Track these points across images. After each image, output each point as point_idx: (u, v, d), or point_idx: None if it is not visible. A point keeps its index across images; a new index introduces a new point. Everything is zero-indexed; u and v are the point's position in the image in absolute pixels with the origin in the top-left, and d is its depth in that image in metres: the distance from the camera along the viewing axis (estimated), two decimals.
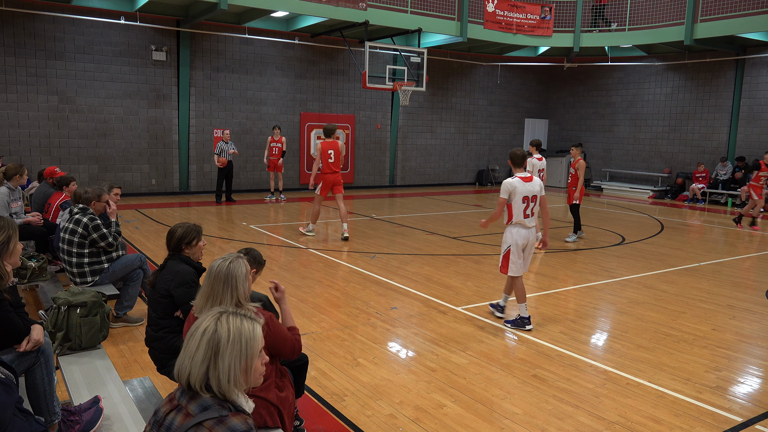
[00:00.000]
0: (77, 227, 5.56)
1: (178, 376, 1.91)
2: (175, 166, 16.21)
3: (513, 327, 6.01)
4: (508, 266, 5.98)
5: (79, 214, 5.65)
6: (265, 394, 2.92)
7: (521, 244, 5.92)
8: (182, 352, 1.91)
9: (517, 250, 5.92)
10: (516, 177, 5.88)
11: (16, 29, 13.75)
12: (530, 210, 5.88)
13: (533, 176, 5.98)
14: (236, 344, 1.89)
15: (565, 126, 22.88)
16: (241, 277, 2.90)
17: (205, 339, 1.88)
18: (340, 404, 4.27)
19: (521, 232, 5.90)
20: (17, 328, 3.19)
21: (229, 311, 1.97)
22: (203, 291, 2.92)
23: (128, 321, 5.78)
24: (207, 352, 1.87)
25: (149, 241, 9.82)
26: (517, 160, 5.95)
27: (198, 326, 1.92)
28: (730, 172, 17.39)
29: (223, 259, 2.94)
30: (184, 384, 1.90)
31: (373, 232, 11.53)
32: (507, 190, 5.82)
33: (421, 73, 16.06)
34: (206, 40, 16.09)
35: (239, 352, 1.90)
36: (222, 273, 2.88)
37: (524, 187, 5.83)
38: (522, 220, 5.87)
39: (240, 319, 1.94)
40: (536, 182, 5.94)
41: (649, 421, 4.11)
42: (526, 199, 5.83)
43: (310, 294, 7.07)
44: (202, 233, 4.16)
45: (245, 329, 1.93)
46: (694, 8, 15.99)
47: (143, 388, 3.58)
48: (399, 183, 20.21)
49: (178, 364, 1.92)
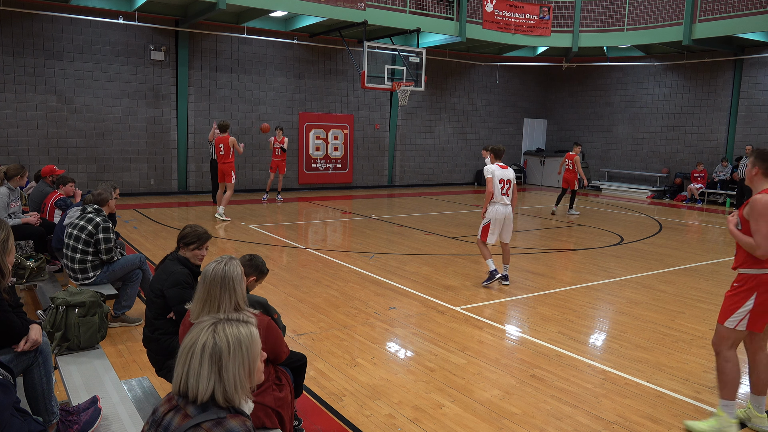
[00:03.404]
0: (88, 225, 5.59)
1: (184, 393, 1.89)
2: (174, 166, 16.20)
3: (488, 283, 7.51)
4: (488, 235, 7.49)
5: (93, 213, 5.71)
6: (261, 398, 2.91)
7: (499, 219, 7.43)
8: (183, 370, 1.88)
9: (495, 222, 7.43)
10: (495, 164, 7.51)
11: (15, 29, 13.73)
12: (506, 191, 7.44)
13: (507, 166, 7.61)
14: (237, 353, 1.89)
15: (563, 126, 22.89)
16: (238, 279, 2.86)
17: (206, 354, 1.86)
18: (339, 404, 4.27)
19: (500, 209, 7.43)
20: (16, 328, 3.19)
21: (222, 319, 1.95)
22: (199, 296, 2.85)
23: (126, 321, 5.77)
24: (211, 366, 1.86)
25: (148, 241, 9.81)
26: (498, 153, 7.55)
27: (195, 341, 1.89)
28: (729, 172, 17.41)
29: (217, 263, 2.88)
30: (191, 400, 1.88)
31: (371, 232, 11.54)
32: (490, 170, 7.43)
33: (420, 73, 16.06)
34: (205, 40, 16.08)
35: (242, 359, 1.90)
36: (218, 277, 2.82)
37: (501, 172, 7.45)
38: (500, 199, 7.42)
39: (236, 326, 1.93)
40: (510, 171, 7.57)
41: (648, 421, 4.12)
42: (502, 182, 7.41)
43: (308, 294, 7.07)
44: (206, 242, 4.04)
45: (243, 335, 1.92)
46: (692, 8, 16.01)
47: (141, 388, 3.57)
48: (398, 183, 20.22)
49: (182, 383, 1.88)
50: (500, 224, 7.44)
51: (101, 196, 5.87)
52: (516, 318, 6.52)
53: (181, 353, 1.91)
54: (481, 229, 7.57)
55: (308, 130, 18.10)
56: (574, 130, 22.46)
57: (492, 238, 7.50)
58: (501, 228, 7.48)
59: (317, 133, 18.28)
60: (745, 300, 3.68)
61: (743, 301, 3.69)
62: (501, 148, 7.60)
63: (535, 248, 10.37)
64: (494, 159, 7.60)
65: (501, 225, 7.46)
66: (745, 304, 3.68)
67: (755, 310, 3.65)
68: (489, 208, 7.47)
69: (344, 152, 18.90)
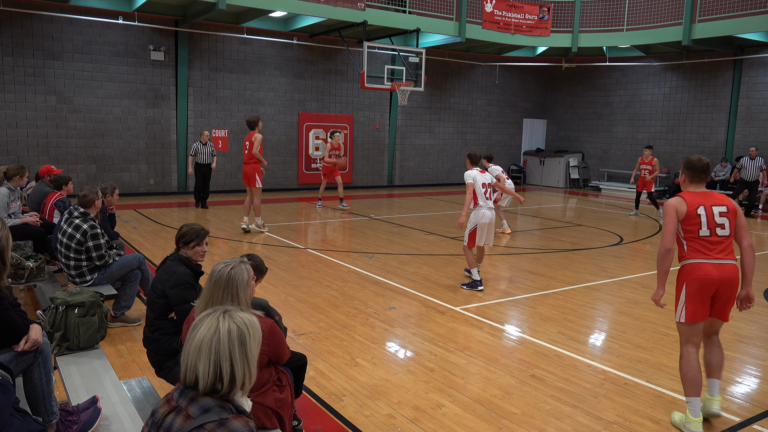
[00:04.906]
0: (76, 233, 5.49)
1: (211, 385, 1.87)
2: (174, 166, 16.19)
3: (468, 288, 7.43)
4: (475, 240, 7.42)
5: (80, 219, 5.56)
6: (262, 399, 2.91)
7: (485, 223, 7.40)
8: (212, 360, 1.86)
9: (481, 227, 7.39)
10: (474, 169, 7.57)
11: (14, 29, 13.73)
12: (488, 193, 7.49)
13: (484, 170, 7.73)
14: (255, 335, 1.97)
15: (563, 126, 22.90)
16: (242, 284, 2.85)
17: (234, 339, 1.89)
18: (339, 404, 4.27)
19: (486, 213, 7.41)
20: (17, 327, 3.18)
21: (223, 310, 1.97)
22: (204, 295, 2.86)
23: (126, 321, 5.77)
24: (240, 348, 1.89)
25: (147, 241, 9.81)
26: (475, 159, 7.68)
27: (216, 329, 1.89)
28: (729, 172, 17.41)
29: (225, 264, 2.88)
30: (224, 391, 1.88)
31: (371, 232, 11.54)
32: (471, 176, 7.45)
33: (420, 73, 16.06)
34: (204, 40, 16.08)
35: (257, 342, 1.98)
36: (223, 279, 2.82)
37: (481, 176, 7.52)
38: (485, 203, 7.43)
39: (241, 312, 2.00)
40: (487, 174, 7.67)
41: (647, 421, 4.12)
42: (484, 185, 7.46)
43: (308, 294, 7.07)
44: (204, 237, 4.10)
45: (252, 320, 2.00)
46: (692, 8, 16.01)
47: (141, 389, 3.57)
48: (397, 183, 20.22)
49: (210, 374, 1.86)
50: (486, 228, 7.42)
51: (86, 198, 5.61)
52: (516, 318, 6.52)
53: (202, 345, 1.87)
54: (467, 235, 7.45)
55: (308, 130, 18.10)
56: (574, 131, 22.47)
57: (480, 242, 7.46)
58: (487, 231, 7.47)
59: (317, 133, 18.27)
60: (680, 293, 4.05)
61: (679, 294, 4.07)
62: (478, 154, 7.72)
63: (535, 248, 10.37)
64: (471, 165, 7.66)
65: (486, 229, 7.43)
66: (680, 297, 4.04)
67: (689, 299, 3.98)
68: (474, 213, 7.43)
69: (344, 152, 18.87)
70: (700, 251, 3.95)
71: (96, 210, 5.78)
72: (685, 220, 3.98)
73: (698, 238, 3.96)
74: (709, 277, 3.90)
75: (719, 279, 3.90)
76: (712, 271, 3.90)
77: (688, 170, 4.14)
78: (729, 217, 3.97)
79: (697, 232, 3.95)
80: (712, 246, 3.94)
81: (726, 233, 3.95)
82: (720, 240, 3.94)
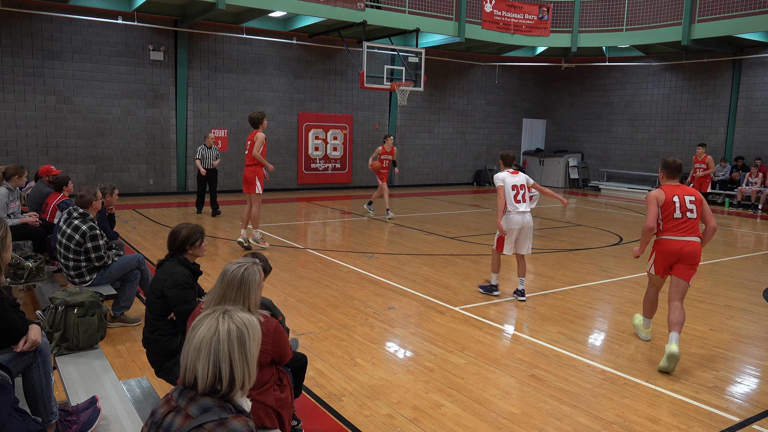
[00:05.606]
0: (75, 234, 5.49)
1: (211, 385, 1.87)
2: (173, 166, 16.19)
3: (484, 291, 7.27)
4: (504, 246, 7.00)
5: (79, 220, 5.56)
6: (263, 398, 2.92)
7: (513, 229, 6.88)
8: (211, 361, 1.86)
9: (509, 233, 6.90)
10: (505, 171, 7.01)
11: (14, 29, 13.72)
12: (520, 196, 6.89)
13: (517, 171, 7.09)
14: (255, 335, 1.97)
15: (562, 126, 22.91)
16: (254, 285, 2.89)
17: (234, 339, 1.89)
18: (338, 404, 4.27)
19: (515, 219, 6.86)
20: (16, 327, 3.18)
21: (222, 310, 1.97)
22: (215, 293, 2.88)
23: (125, 321, 5.76)
24: (239, 348, 1.90)
25: (147, 241, 9.80)
26: (508, 160, 7.09)
27: (216, 330, 1.89)
28: (728, 172, 17.42)
29: (239, 265, 2.90)
30: (225, 389, 1.88)
31: (370, 232, 11.54)
32: (501, 178, 6.93)
33: (419, 73, 16.06)
34: (204, 40, 16.08)
35: (257, 342, 1.98)
36: (236, 279, 2.84)
37: (512, 178, 6.93)
38: (514, 207, 6.86)
39: (240, 312, 2.00)
40: (521, 176, 7.04)
41: (647, 421, 4.12)
42: (515, 188, 6.89)
43: (307, 294, 7.07)
44: (204, 234, 4.15)
45: (251, 320, 2.00)
46: (691, 8, 16.02)
47: (141, 389, 3.57)
48: (397, 183, 20.21)
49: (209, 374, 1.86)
50: (515, 234, 6.90)
51: (83, 199, 5.61)
52: (515, 318, 6.52)
53: (201, 345, 1.88)
54: (496, 239, 7.07)
55: (307, 131, 18.10)
56: (573, 131, 22.47)
57: (508, 249, 6.97)
58: (516, 238, 6.93)
59: (316, 133, 18.27)
60: (651, 255, 5.43)
61: (651, 256, 5.43)
62: (510, 155, 7.11)
63: (534, 248, 10.34)
64: (504, 166, 7.10)
65: (516, 235, 6.90)
66: (651, 258, 5.41)
67: (656, 261, 5.35)
68: (504, 218, 6.90)
69: (343, 152, 18.90)
70: (672, 230, 5.16)
71: (94, 210, 5.78)
72: (663, 206, 5.16)
73: (672, 219, 5.15)
74: (672, 249, 5.16)
75: (680, 251, 5.12)
76: (676, 245, 5.14)
77: (666, 169, 5.34)
78: (696, 205, 5.16)
79: (672, 215, 5.14)
80: (682, 225, 5.13)
81: (693, 216, 5.14)
82: (688, 221, 5.13)
